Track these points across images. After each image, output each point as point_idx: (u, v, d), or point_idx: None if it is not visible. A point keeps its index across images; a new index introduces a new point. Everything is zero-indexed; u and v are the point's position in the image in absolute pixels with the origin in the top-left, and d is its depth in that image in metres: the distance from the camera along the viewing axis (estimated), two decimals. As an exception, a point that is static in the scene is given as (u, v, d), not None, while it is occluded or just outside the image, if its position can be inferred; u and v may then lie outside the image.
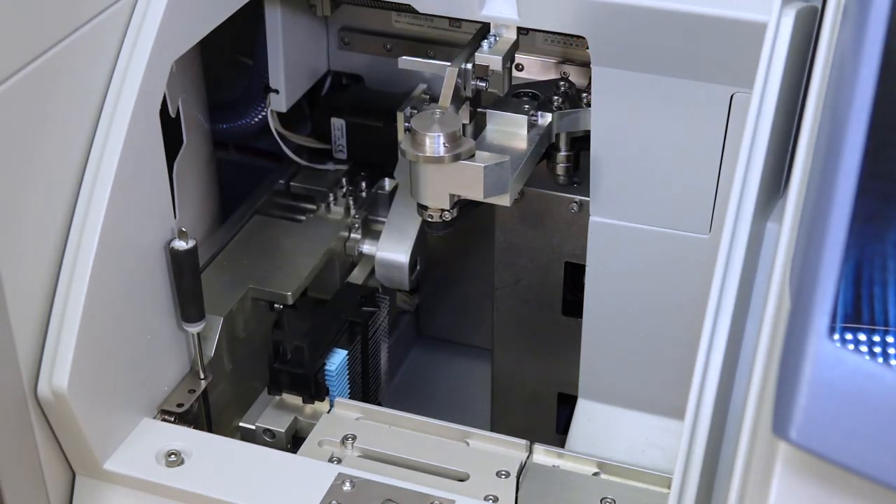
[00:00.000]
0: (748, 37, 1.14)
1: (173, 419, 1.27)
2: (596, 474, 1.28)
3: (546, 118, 1.33)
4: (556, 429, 1.59)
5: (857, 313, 0.78)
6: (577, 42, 1.39)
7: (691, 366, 1.05)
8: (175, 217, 1.27)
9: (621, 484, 1.26)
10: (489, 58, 1.28)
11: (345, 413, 1.34)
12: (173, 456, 1.21)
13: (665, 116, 1.24)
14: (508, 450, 1.28)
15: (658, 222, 1.31)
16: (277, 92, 1.51)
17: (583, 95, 1.37)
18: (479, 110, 1.33)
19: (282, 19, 1.47)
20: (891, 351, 0.77)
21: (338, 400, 1.36)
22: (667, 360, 1.35)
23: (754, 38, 1.11)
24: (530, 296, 1.51)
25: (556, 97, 1.35)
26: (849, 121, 0.78)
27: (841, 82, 0.82)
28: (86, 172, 1.15)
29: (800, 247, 0.83)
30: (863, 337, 0.77)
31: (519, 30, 1.29)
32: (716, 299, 1.05)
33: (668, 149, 1.26)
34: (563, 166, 1.39)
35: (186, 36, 1.24)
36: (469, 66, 1.28)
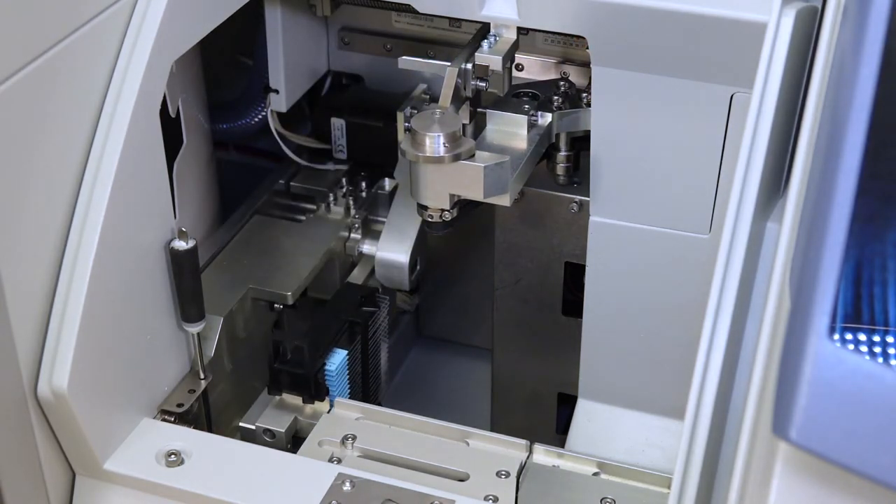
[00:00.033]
0: (748, 37, 1.14)
1: (173, 419, 1.27)
2: (596, 474, 1.27)
3: (546, 118, 1.33)
4: (556, 429, 1.59)
5: (857, 313, 0.77)
6: (577, 42, 1.39)
7: (691, 366, 1.05)
8: (175, 217, 1.27)
9: (621, 484, 1.26)
10: (489, 58, 1.28)
11: (345, 413, 1.34)
12: (173, 456, 1.21)
13: (665, 116, 1.24)
14: (508, 450, 1.28)
15: (658, 222, 1.31)
16: (277, 92, 1.51)
17: (583, 95, 1.37)
18: (479, 110, 1.33)
19: (282, 19, 1.47)
20: (891, 351, 0.77)
21: (338, 400, 1.36)
22: (667, 360, 1.35)
23: (754, 38, 1.11)
24: (530, 296, 1.51)
25: (556, 97, 1.35)
26: (849, 121, 0.78)
27: (841, 82, 0.82)
28: (86, 172, 1.15)
29: (800, 247, 0.83)
30: (863, 337, 0.77)
31: (519, 30, 1.29)
32: (716, 299, 1.05)
33: (668, 149, 1.26)
34: (563, 166, 1.39)
35: (186, 36, 1.24)
36: (469, 66, 1.28)
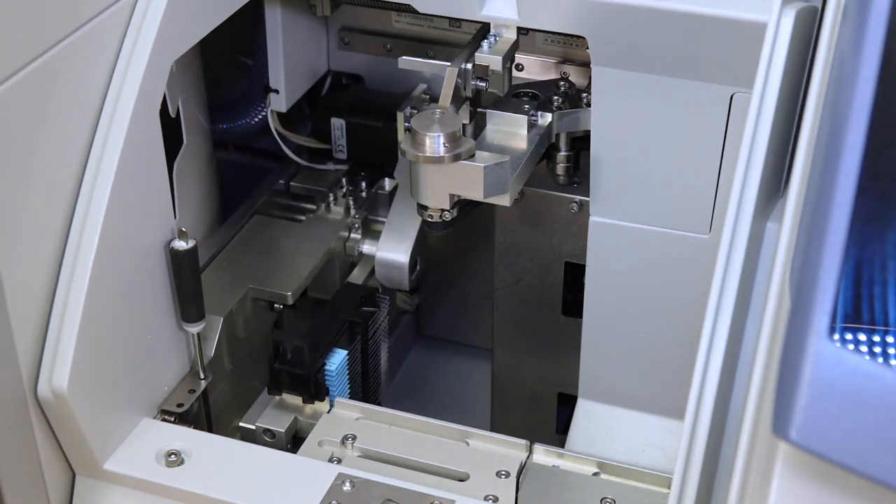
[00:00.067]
0: (748, 37, 1.14)
1: (173, 419, 1.27)
2: (596, 474, 1.27)
3: (546, 118, 1.33)
4: (556, 429, 1.59)
5: (857, 313, 0.77)
6: (577, 42, 1.39)
7: (691, 366, 1.05)
8: (175, 217, 1.27)
9: (621, 484, 1.26)
10: (489, 58, 1.28)
11: (345, 413, 1.34)
12: (173, 456, 1.21)
13: (665, 116, 1.24)
14: (508, 450, 1.28)
15: (658, 222, 1.31)
16: (277, 92, 1.51)
17: (583, 95, 1.37)
18: (479, 110, 1.33)
19: (282, 19, 1.47)
20: (891, 351, 0.77)
21: (338, 400, 1.36)
22: (667, 360, 1.35)
23: (754, 38, 1.11)
24: (530, 296, 1.51)
25: (556, 97, 1.35)
26: (849, 121, 0.78)
27: (841, 82, 0.82)
28: (86, 172, 1.15)
29: (800, 247, 0.83)
30: (863, 337, 0.77)
31: (519, 30, 1.29)
32: (716, 299, 1.05)
33: (668, 149, 1.26)
34: (563, 166, 1.39)
35: (186, 36, 1.24)
36: (469, 66, 1.28)
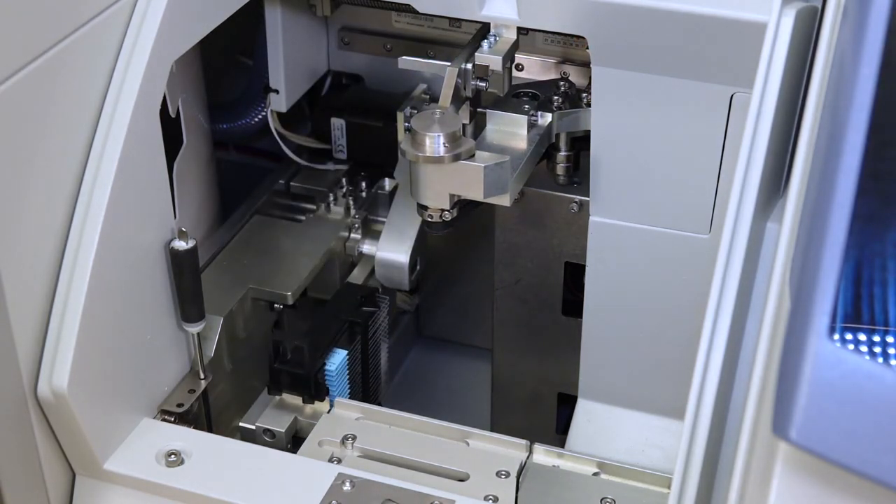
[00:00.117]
0: (748, 37, 1.14)
1: (173, 419, 1.27)
2: (596, 474, 1.27)
3: (546, 118, 1.33)
4: (556, 429, 1.59)
5: (857, 313, 0.77)
6: (577, 42, 1.39)
7: (691, 366, 1.05)
8: (175, 217, 1.27)
9: (621, 484, 1.26)
10: (489, 58, 1.28)
11: (345, 413, 1.34)
12: (173, 456, 1.21)
13: (665, 116, 1.24)
14: (508, 450, 1.28)
15: (658, 222, 1.31)
16: (277, 92, 1.51)
17: (583, 95, 1.37)
18: (479, 110, 1.33)
19: (282, 19, 1.47)
20: (891, 351, 0.77)
21: (338, 400, 1.36)
22: (667, 360, 1.35)
23: (754, 38, 1.11)
24: (530, 296, 1.51)
25: (556, 97, 1.35)
26: (849, 121, 0.78)
27: (841, 82, 0.82)
28: (86, 172, 1.15)
29: (800, 247, 0.83)
30: (863, 337, 0.77)
31: (519, 30, 1.29)
32: (716, 299, 1.05)
33: (668, 149, 1.26)
34: (563, 166, 1.39)
35: (186, 36, 1.24)
36: (469, 66, 1.28)
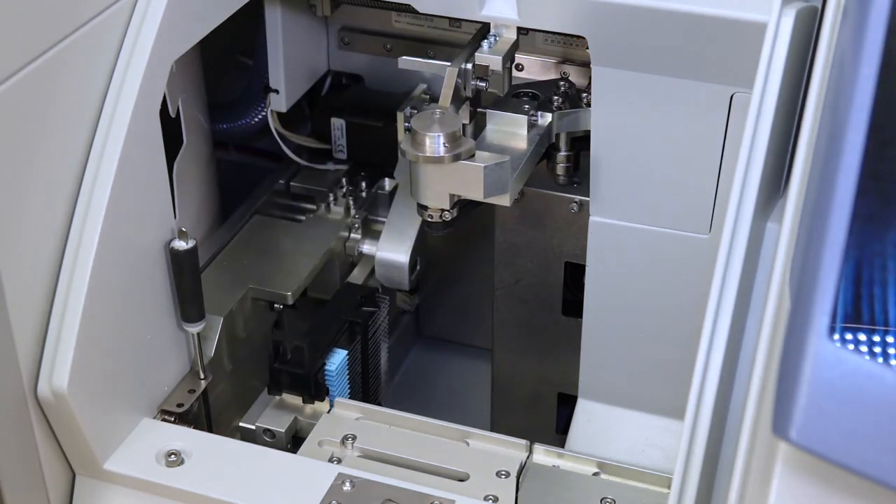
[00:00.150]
0: (748, 37, 1.14)
1: (173, 419, 1.27)
2: (596, 474, 1.27)
3: (546, 118, 1.33)
4: (556, 429, 1.59)
5: (857, 313, 0.77)
6: (577, 42, 1.39)
7: (691, 366, 1.05)
8: (175, 217, 1.27)
9: (621, 484, 1.26)
10: (489, 58, 1.28)
11: (345, 413, 1.34)
12: (173, 456, 1.21)
13: (665, 116, 1.24)
14: (508, 450, 1.28)
15: (658, 222, 1.31)
16: (277, 92, 1.51)
17: (583, 95, 1.37)
18: (479, 110, 1.33)
19: (282, 19, 1.47)
20: (891, 351, 0.77)
21: (338, 400, 1.36)
22: (667, 360, 1.35)
23: (754, 38, 1.11)
24: (530, 296, 1.51)
25: (556, 97, 1.35)
26: (849, 121, 0.78)
27: (841, 82, 0.82)
28: (86, 172, 1.15)
29: (800, 247, 0.83)
30: (863, 337, 0.77)
31: (519, 30, 1.29)
32: (716, 299, 1.05)
33: (668, 149, 1.26)
34: (563, 166, 1.39)
35: (186, 36, 1.24)
36: (469, 66, 1.28)
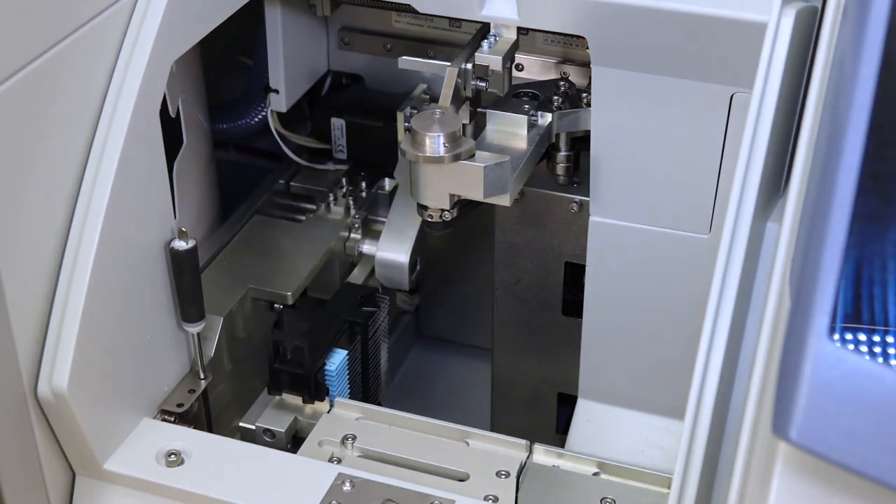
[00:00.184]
0: (748, 37, 1.14)
1: (173, 419, 1.27)
2: (596, 474, 1.27)
3: (546, 118, 1.33)
4: (556, 429, 1.59)
5: (857, 313, 0.77)
6: (577, 42, 1.39)
7: (691, 366, 1.05)
8: (175, 217, 1.27)
9: (621, 484, 1.26)
10: (489, 58, 1.28)
11: (345, 413, 1.34)
12: (173, 456, 1.21)
13: (665, 116, 1.24)
14: (508, 450, 1.28)
15: (658, 222, 1.31)
16: (277, 92, 1.51)
17: (583, 95, 1.37)
18: (479, 110, 1.33)
19: (282, 19, 1.47)
20: (891, 351, 0.77)
21: (338, 400, 1.36)
22: (667, 360, 1.35)
23: (754, 38, 1.11)
24: (530, 296, 1.51)
25: (556, 97, 1.35)
26: (849, 121, 0.78)
27: (841, 82, 0.82)
28: (86, 172, 1.15)
29: (800, 247, 0.83)
30: (863, 337, 0.77)
31: (519, 30, 1.29)
32: (716, 299, 1.05)
33: (668, 149, 1.26)
34: (563, 166, 1.39)
35: (186, 36, 1.24)
36: (469, 66, 1.28)
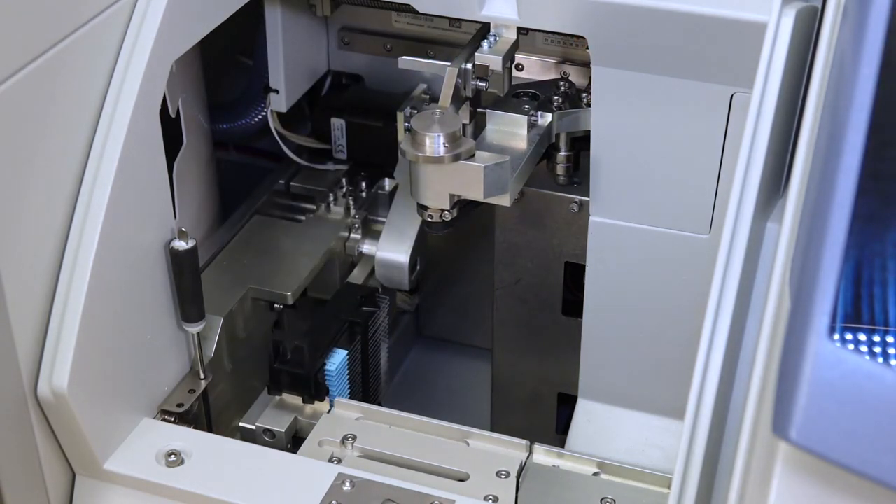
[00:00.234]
0: (748, 37, 1.14)
1: (173, 419, 1.27)
2: (596, 474, 1.27)
3: (546, 118, 1.33)
4: (556, 429, 1.59)
5: (857, 313, 0.77)
6: (577, 42, 1.39)
7: (691, 366, 1.05)
8: (175, 217, 1.27)
9: (621, 484, 1.26)
10: (489, 58, 1.28)
11: (345, 413, 1.34)
12: (173, 456, 1.21)
13: (665, 116, 1.24)
14: (508, 450, 1.28)
15: (658, 222, 1.31)
16: (277, 92, 1.51)
17: (583, 95, 1.37)
18: (479, 110, 1.33)
19: (282, 19, 1.47)
20: (891, 351, 0.77)
21: (338, 400, 1.36)
22: (667, 360, 1.35)
23: (754, 38, 1.11)
24: (530, 296, 1.51)
25: (556, 97, 1.35)
26: (849, 121, 0.78)
27: (841, 82, 0.82)
28: (86, 172, 1.15)
29: (800, 247, 0.83)
30: (863, 337, 0.77)
31: (519, 30, 1.29)
32: (716, 299, 1.05)
33: (668, 149, 1.26)
34: (563, 166, 1.39)
35: (186, 36, 1.24)
36: (469, 66, 1.28)
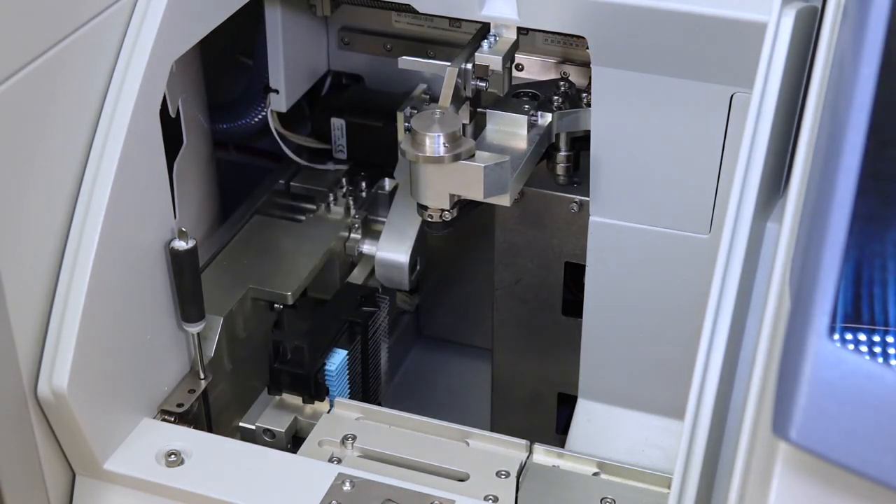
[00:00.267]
0: (748, 37, 1.14)
1: (173, 419, 1.27)
2: (596, 474, 1.27)
3: (546, 118, 1.33)
4: (556, 429, 1.59)
5: (857, 313, 0.77)
6: (577, 42, 1.39)
7: (691, 366, 1.05)
8: (175, 217, 1.27)
9: (621, 484, 1.26)
10: (489, 58, 1.28)
11: (345, 413, 1.34)
12: (173, 456, 1.21)
13: (665, 116, 1.24)
14: (508, 450, 1.28)
15: (658, 222, 1.31)
16: (277, 92, 1.51)
17: (583, 95, 1.37)
18: (479, 110, 1.33)
19: (282, 19, 1.47)
20: (891, 351, 0.77)
21: (338, 400, 1.36)
22: (667, 360, 1.35)
23: (754, 38, 1.11)
24: (530, 296, 1.51)
25: (556, 97, 1.35)
26: (849, 121, 0.78)
27: (841, 82, 0.82)
28: (86, 172, 1.15)
29: (800, 247, 0.83)
30: (863, 337, 0.77)
31: (519, 30, 1.29)
32: (716, 299, 1.05)
33: (668, 149, 1.26)
34: (563, 166, 1.39)
35: (186, 36, 1.24)
36: (469, 66, 1.28)
